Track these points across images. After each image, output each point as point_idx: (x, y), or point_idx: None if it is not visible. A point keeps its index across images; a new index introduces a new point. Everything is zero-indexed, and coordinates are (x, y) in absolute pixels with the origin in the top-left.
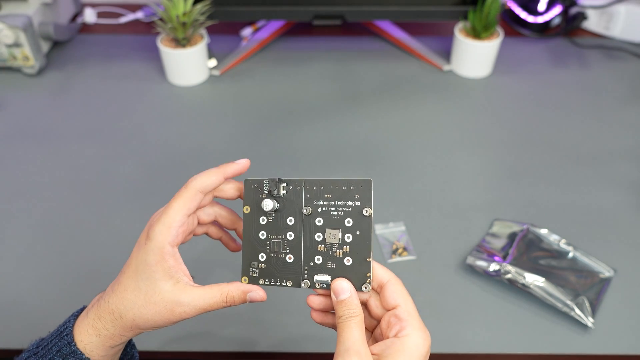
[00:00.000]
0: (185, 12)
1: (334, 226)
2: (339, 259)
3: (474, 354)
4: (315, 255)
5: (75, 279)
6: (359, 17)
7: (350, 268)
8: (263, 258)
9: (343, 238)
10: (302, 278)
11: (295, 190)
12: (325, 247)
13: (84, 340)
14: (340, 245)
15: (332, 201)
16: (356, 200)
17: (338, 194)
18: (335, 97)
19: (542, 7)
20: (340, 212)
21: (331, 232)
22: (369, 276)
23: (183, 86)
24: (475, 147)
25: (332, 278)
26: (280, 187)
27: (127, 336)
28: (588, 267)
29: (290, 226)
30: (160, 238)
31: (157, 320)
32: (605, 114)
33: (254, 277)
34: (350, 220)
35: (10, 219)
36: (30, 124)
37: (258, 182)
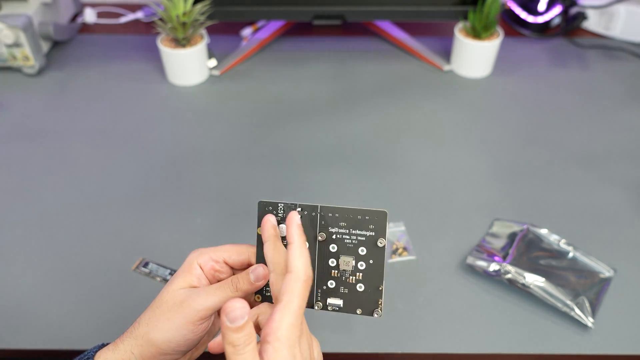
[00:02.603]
0: (185, 12)
1: (348, 254)
2: (351, 285)
3: (474, 354)
4: (328, 279)
5: (76, 279)
6: (359, 17)
7: (362, 294)
8: None
9: (356, 265)
10: (315, 300)
11: (310, 215)
12: (339, 272)
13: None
14: (354, 272)
15: (347, 229)
16: (370, 230)
17: (352, 223)
18: (335, 97)
19: (542, 7)
20: (355, 240)
21: (345, 260)
22: (380, 303)
23: (183, 86)
24: (475, 147)
25: (344, 303)
26: None
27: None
28: (588, 267)
29: None
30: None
31: (174, 329)
32: (605, 114)
33: (267, 296)
34: (364, 249)
35: (10, 219)
36: (30, 124)
37: (272, 204)
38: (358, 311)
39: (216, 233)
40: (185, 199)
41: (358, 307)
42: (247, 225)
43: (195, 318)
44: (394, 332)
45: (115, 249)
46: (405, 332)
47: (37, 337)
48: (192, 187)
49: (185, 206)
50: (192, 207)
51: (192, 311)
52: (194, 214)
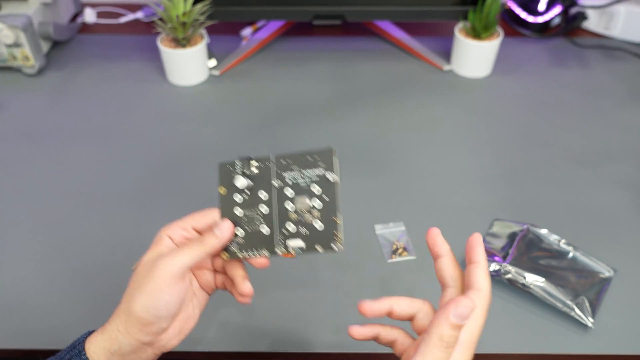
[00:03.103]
0: (185, 12)
1: (303, 194)
2: (309, 224)
3: (474, 354)
4: (288, 223)
5: (76, 279)
6: (359, 17)
7: (321, 232)
8: (241, 233)
9: (312, 204)
10: (277, 245)
11: (265, 166)
12: (297, 214)
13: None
14: (310, 211)
15: (300, 172)
16: (321, 168)
17: (304, 164)
18: (335, 97)
19: (542, 7)
20: (308, 180)
21: (301, 200)
22: (338, 235)
23: (183, 86)
24: (475, 147)
25: (305, 243)
26: (251, 165)
27: (133, 334)
28: (588, 267)
29: (263, 200)
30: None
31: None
32: (605, 114)
33: (233, 252)
34: (317, 187)
35: (10, 219)
36: (30, 124)
37: (230, 163)
38: (319, 248)
39: None
40: (185, 199)
41: (318, 245)
42: None
43: (166, 278)
44: None
45: (116, 248)
46: None
47: (37, 337)
48: (192, 186)
49: (185, 206)
50: (192, 206)
51: (162, 273)
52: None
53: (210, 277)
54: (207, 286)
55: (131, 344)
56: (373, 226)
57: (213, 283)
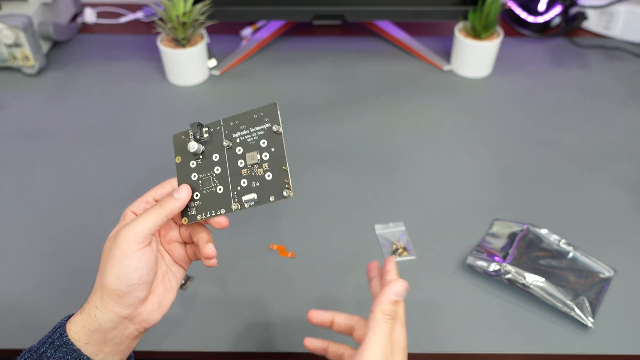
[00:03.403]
0: (185, 12)
1: (252, 149)
2: (260, 177)
3: (474, 354)
4: (240, 179)
5: (76, 279)
6: (359, 17)
7: (271, 182)
8: (197, 197)
9: (261, 157)
10: (233, 201)
11: (216, 130)
12: (248, 170)
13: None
14: (260, 164)
15: (247, 130)
16: (267, 122)
17: (251, 122)
18: (335, 97)
19: (542, 7)
20: (255, 136)
21: (250, 155)
22: (287, 182)
23: (183, 86)
24: (475, 147)
25: (257, 196)
26: (202, 131)
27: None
28: (588, 267)
29: (216, 162)
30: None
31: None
32: (605, 114)
33: (191, 215)
34: (264, 141)
35: (10, 219)
36: (30, 124)
37: (184, 133)
38: (271, 198)
39: (215, 231)
40: None
41: (270, 195)
42: (248, 223)
43: (130, 243)
44: None
45: None
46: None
47: (36, 337)
48: None
49: None
50: None
51: (125, 239)
52: None
53: (182, 249)
54: (181, 259)
55: (111, 319)
56: (373, 226)
57: (185, 255)
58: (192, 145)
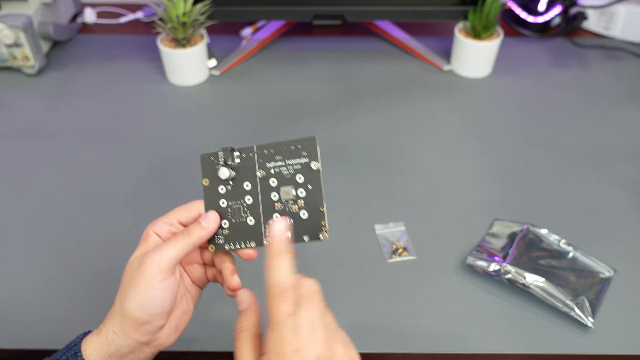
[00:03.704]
0: (185, 12)
1: (287, 184)
2: (295, 214)
3: (474, 354)
4: (273, 213)
5: (75, 279)
6: (359, 17)
7: (306, 221)
8: (226, 225)
9: (296, 193)
10: (265, 237)
11: (248, 157)
12: (282, 204)
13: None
14: (295, 200)
15: (283, 161)
16: (304, 157)
17: (287, 154)
18: (335, 97)
19: (542, 7)
20: (292, 170)
21: (285, 190)
22: (324, 225)
23: (183, 86)
24: (475, 147)
25: (291, 233)
26: (234, 156)
27: (130, 335)
28: (588, 267)
29: (247, 191)
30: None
31: (140, 292)
32: (605, 114)
33: (219, 244)
34: (301, 176)
35: (10, 219)
36: (30, 124)
37: (213, 154)
38: (305, 238)
39: None
40: (185, 199)
41: (305, 235)
42: None
43: (156, 273)
44: (394, 332)
45: (115, 248)
46: (405, 332)
47: (36, 337)
48: (192, 186)
49: None
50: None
51: (150, 269)
52: None
53: (201, 270)
54: (199, 280)
55: (128, 345)
56: (373, 226)
57: (204, 276)
58: (223, 172)
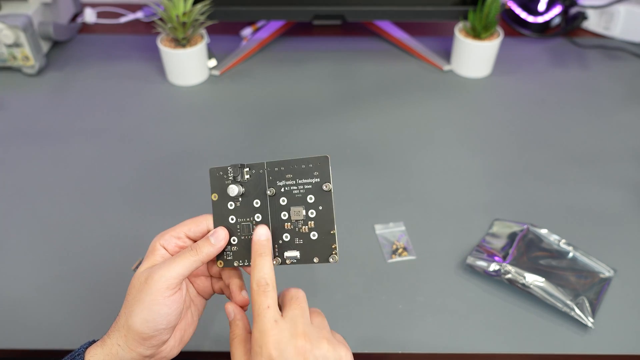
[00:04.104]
0: (185, 12)
1: (298, 204)
2: (305, 234)
3: (474, 354)
4: (283, 233)
5: (75, 279)
6: (359, 17)
7: (316, 242)
8: (235, 241)
9: (307, 214)
10: (274, 256)
11: (258, 173)
12: (292, 224)
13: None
14: (305, 221)
15: (294, 180)
16: (316, 177)
17: (298, 173)
18: (335, 97)
19: (542, 7)
20: (302, 189)
21: (295, 210)
22: (334, 248)
23: (183, 86)
24: (475, 147)
25: (300, 254)
26: (243, 173)
27: (134, 349)
28: (588, 267)
29: (257, 208)
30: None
31: (146, 308)
32: (605, 114)
33: (228, 260)
34: (312, 196)
35: (10, 219)
36: (30, 124)
37: (222, 169)
38: (315, 260)
39: None
40: (185, 199)
41: (314, 256)
42: None
43: (162, 290)
44: (394, 332)
45: (115, 248)
46: (405, 332)
47: (36, 337)
48: (192, 187)
49: (185, 206)
50: (192, 207)
51: (157, 284)
52: (193, 213)
53: (207, 283)
54: (205, 292)
55: (132, 358)
56: (373, 226)
57: (210, 288)
58: (232, 189)
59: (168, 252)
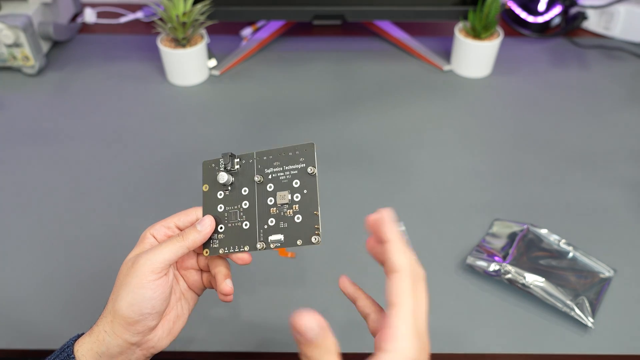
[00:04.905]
0: (185, 12)
1: (284, 188)
2: (289, 218)
3: (474, 354)
4: (268, 218)
5: (75, 279)
6: (359, 17)
7: (300, 225)
8: (222, 229)
9: (292, 198)
10: (258, 240)
11: (248, 163)
12: (277, 209)
13: (82, 352)
14: (290, 205)
15: (281, 167)
16: (301, 162)
17: (285, 160)
18: (335, 97)
19: (542, 7)
20: (289, 175)
21: (281, 194)
22: (317, 228)
23: (183, 86)
24: (475, 147)
25: (284, 237)
26: (234, 162)
27: (120, 334)
28: (588, 267)
29: (244, 196)
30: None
31: (131, 291)
32: (605, 114)
33: (214, 248)
34: (297, 181)
35: (9, 219)
36: (30, 124)
37: (214, 161)
38: (298, 242)
39: None
40: (185, 199)
41: (298, 239)
42: None
43: (148, 273)
44: None
45: (114, 248)
46: None
47: (35, 337)
48: (192, 186)
49: (185, 206)
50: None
51: (143, 268)
52: None
53: (197, 276)
54: (195, 286)
55: (119, 345)
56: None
57: (201, 282)
58: (221, 176)
59: (157, 241)
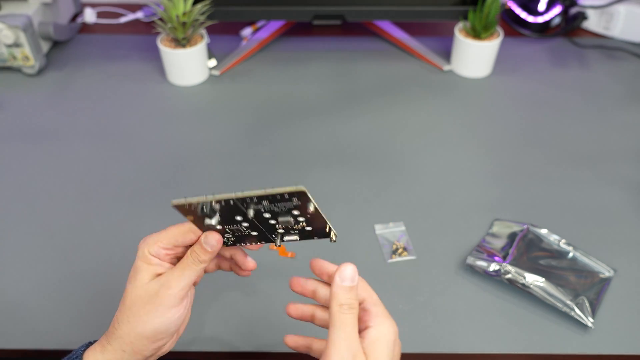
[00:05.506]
0: (185, 12)
1: (284, 215)
2: (299, 229)
3: (474, 354)
4: (276, 230)
5: (75, 279)
6: (359, 17)
7: (312, 231)
8: (231, 237)
9: (296, 219)
10: (272, 240)
11: (228, 204)
12: (283, 227)
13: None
14: (296, 224)
15: (272, 204)
16: (296, 202)
17: (274, 200)
18: (335, 97)
19: (542, 7)
20: (284, 208)
21: (283, 219)
22: (330, 231)
23: (183, 86)
24: (475, 147)
25: (299, 237)
26: (212, 205)
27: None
28: (588, 267)
29: (241, 221)
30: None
31: (159, 317)
32: (605, 114)
33: (228, 244)
34: (297, 211)
35: (10, 219)
36: (30, 124)
37: (187, 204)
38: (315, 237)
39: None
40: None
41: (314, 236)
42: None
43: (176, 301)
44: None
45: (115, 248)
46: (405, 332)
47: (35, 337)
48: (192, 187)
49: None
50: None
51: (170, 297)
52: None
53: (202, 271)
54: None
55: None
56: (373, 226)
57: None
58: (208, 221)
59: (160, 260)
